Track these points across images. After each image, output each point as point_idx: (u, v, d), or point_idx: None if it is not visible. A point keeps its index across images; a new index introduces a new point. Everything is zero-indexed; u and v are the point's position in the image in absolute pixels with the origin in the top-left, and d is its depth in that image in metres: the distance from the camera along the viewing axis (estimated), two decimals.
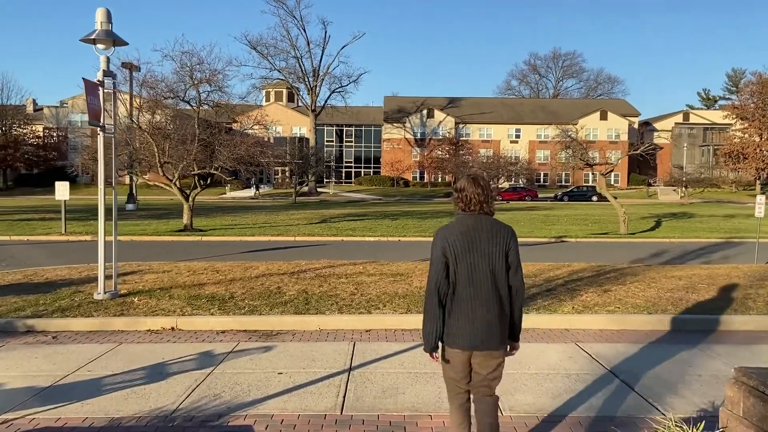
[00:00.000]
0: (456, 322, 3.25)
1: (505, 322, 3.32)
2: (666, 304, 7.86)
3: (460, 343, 3.25)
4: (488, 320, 3.23)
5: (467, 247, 3.24)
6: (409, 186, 69.38)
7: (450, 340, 3.29)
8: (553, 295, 8.42)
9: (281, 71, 57.25)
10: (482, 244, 3.25)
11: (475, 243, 3.25)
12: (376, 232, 19.89)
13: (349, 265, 11.20)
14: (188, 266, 11.06)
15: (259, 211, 31.85)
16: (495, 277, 3.26)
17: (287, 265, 11.27)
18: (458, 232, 3.28)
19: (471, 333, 3.22)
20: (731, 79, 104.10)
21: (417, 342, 6.43)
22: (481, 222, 3.31)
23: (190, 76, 19.82)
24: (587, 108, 76.13)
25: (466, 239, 3.25)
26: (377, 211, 32.44)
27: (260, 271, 10.46)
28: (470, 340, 3.23)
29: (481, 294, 3.23)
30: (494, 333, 3.25)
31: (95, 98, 7.56)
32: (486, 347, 3.26)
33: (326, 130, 73.97)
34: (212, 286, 8.95)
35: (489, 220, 3.34)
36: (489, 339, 3.24)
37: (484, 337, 3.23)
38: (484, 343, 3.24)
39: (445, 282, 3.25)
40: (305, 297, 8.16)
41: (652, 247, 16.65)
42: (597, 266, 11.28)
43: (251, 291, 8.56)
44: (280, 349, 6.15)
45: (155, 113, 19.88)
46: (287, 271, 10.40)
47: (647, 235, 20.47)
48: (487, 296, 3.24)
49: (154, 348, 6.23)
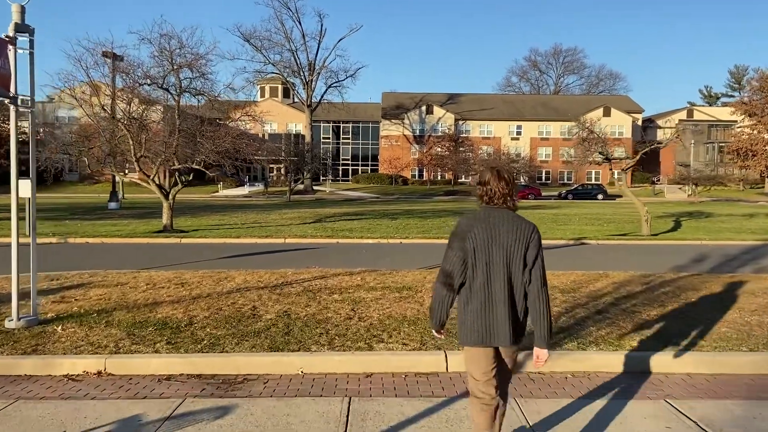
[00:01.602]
0: (469, 316, 3.22)
1: (516, 320, 3.23)
2: (763, 335, 5.98)
3: (474, 339, 3.22)
4: (498, 316, 3.18)
5: (487, 240, 3.19)
6: (408, 184, 67.40)
7: (465, 336, 3.26)
8: (608, 319, 6.53)
9: (275, 65, 55.21)
10: (502, 238, 3.19)
11: (495, 236, 3.19)
12: (375, 234, 18.00)
13: (344, 276, 9.31)
14: (150, 277, 9.14)
15: (251, 210, 29.92)
16: (510, 273, 3.19)
17: (270, 275, 9.36)
18: (481, 223, 3.23)
19: (483, 327, 3.19)
20: (734, 76, 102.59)
21: (439, 397, 4.55)
22: (504, 216, 3.26)
23: (170, 61, 17.88)
24: (590, 104, 74.27)
25: (488, 232, 3.20)
26: (376, 210, 30.50)
27: (236, 283, 8.55)
28: (483, 335, 3.20)
29: (494, 288, 3.18)
30: (505, 329, 3.18)
31: (4, 60, 5.65)
32: (498, 342, 3.21)
33: (323, 126, 71.94)
34: (169, 306, 7.03)
35: (512, 215, 3.28)
36: (501, 334, 3.18)
37: (495, 332, 3.18)
38: (495, 338, 3.19)
39: (460, 269, 3.21)
40: (286, 323, 6.25)
41: (686, 251, 14.79)
42: (642, 276, 9.41)
43: (218, 314, 6.65)
44: (242, 412, 4.24)
45: (132, 102, 17.90)
46: (269, 284, 8.49)
47: (671, 236, 18.62)
48: (501, 291, 3.17)
49: (61, 409, 4.31)
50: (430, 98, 72.12)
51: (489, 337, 3.18)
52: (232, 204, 37.69)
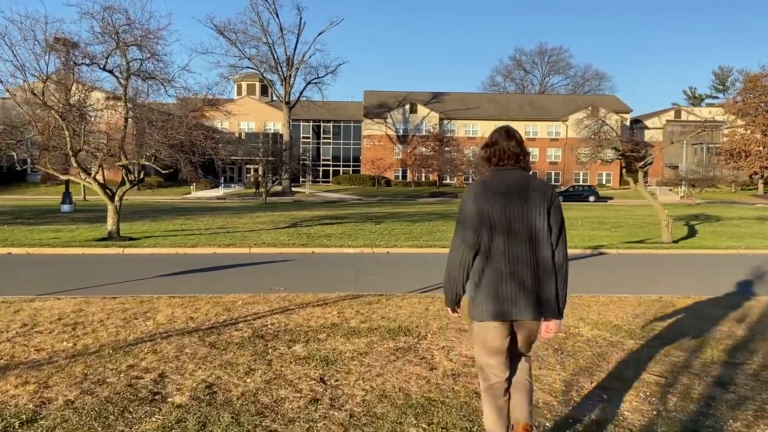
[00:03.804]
0: (486, 287, 2.85)
1: (539, 290, 2.84)
2: None
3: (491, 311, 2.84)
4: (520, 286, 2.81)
5: (503, 207, 2.84)
6: (391, 185, 64.79)
7: (479, 311, 2.88)
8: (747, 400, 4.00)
9: (251, 59, 52.07)
10: (519, 203, 2.85)
11: (512, 201, 2.86)
12: (357, 241, 15.39)
13: (315, 307, 6.69)
14: (36, 312, 6.41)
15: (221, 213, 27.09)
16: (534, 238, 2.84)
17: (211, 306, 6.71)
18: (494, 189, 2.89)
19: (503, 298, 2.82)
20: (718, 77, 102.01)
21: None
22: (519, 177, 2.95)
23: (115, 39, 15.10)
24: (577, 104, 72.43)
25: (503, 198, 2.86)
26: (358, 213, 27.83)
27: (155, 323, 5.88)
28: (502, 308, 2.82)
29: (515, 256, 2.82)
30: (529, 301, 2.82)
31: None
32: (520, 315, 2.83)
33: (302, 125, 69.07)
34: (24, 373, 4.34)
35: (527, 176, 2.99)
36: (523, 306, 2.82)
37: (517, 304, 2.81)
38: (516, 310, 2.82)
39: (474, 239, 2.85)
40: (203, 417, 3.62)
41: (726, 263, 12.42)
42: (719, 302, 6.93)
43: (94, 393, 3.96)
44: None
45: (72, 87, 15.09)
46: (202, 324, 5.84)
47: (694, 243, 16.28)
48: (523, 259, 2.82)
49: None
50: (414, 97, 69.66)
51: (509, 310, 2.83)
52: (203, 206, 34.75)
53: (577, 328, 5.92)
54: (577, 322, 6.16)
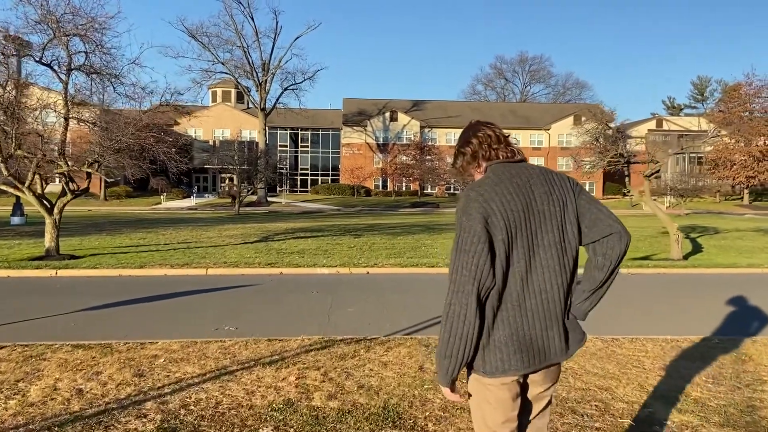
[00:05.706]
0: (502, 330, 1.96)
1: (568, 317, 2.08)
2: None
3: (514, 363, 1.96)
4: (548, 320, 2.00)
5: (523, 213, 1.97)
6: (371, 195, 62.94)
7: (492, 365, 1.96)
8: None
9: (225, 64, 49.93)
10: (539, 203, 2.01)
11: (531, 204, 2.00)
12: (333, 258, 13.51)
13: (266, 367, 4.81)
14: None
15: (187, 225, 24.97)
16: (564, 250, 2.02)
17: (119, 367, 4.77)
18: (504, 188, 1.99)
19: (528, 342, 1.98)
20: (697, 87, 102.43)
21: None
22: (526, 170, 2.10)
23: (54, 28, 13.10)
24: (560, 112, 71.64)
25: (520, 200, 1.98)
26: (336, 225, 25.89)
27: (15, 405, 3.95)
28: (527, 355, 1.98)
29: (541, 279, 1.97)
30: (558, 337, 2.04)
31: None
32: (550, 359, 2.04)
33: (279, 133, 67.04)
34: None
35: (536, 167, 2.16)
36: (552, 346, 2.03)
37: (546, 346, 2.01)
38: (546, 353, 2.02)
39: (491, 274, 1.90)
40: None
41: (754, 284, 10.80)
42: None
43: None
44: None
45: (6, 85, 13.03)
46: (88, 407, 3.92)
47: (704, 260, 14.72)
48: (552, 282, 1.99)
49: None
50: (394, 105, 68.11)
51: (537, 356, 2.01)
52: (171, 218, 32.50)
53: (649, 408, 4.11)
54: (638, 392, 4.36)
